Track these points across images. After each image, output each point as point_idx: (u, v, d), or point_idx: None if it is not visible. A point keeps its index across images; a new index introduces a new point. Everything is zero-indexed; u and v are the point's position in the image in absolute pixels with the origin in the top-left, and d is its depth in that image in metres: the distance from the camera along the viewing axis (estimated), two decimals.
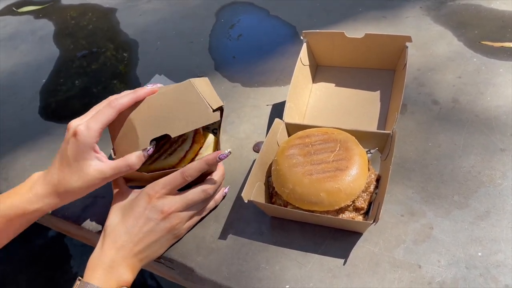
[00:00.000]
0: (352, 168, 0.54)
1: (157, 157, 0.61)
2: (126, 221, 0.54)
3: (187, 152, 0.61)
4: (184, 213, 0.56)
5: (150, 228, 0.54)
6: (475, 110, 0.67)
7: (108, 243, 0.53)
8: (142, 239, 0.53)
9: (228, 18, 1.01)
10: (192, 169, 0.55)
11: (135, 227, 0.53)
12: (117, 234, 0.53)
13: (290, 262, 0.54)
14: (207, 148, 0.63)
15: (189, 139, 0.62)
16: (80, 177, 0.53)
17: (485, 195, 0.57)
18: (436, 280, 0.50)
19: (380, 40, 0.69)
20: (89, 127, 0.52)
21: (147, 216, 0.54)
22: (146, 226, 0.53)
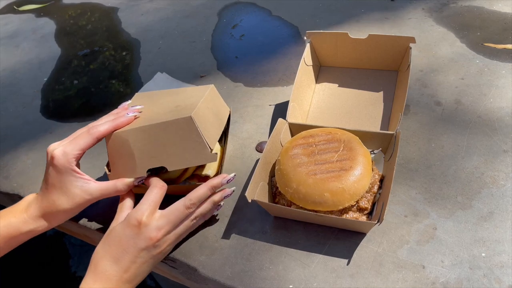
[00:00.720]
0: (356, 168, 0.54)
1: (159, 170, 0.59)
2: (112, 251, 0.50)
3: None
4: (172, 234, 0.52)
5: (142, 255, 0.51)
6: (478, 111, 0.68)
7: (96, 275, 0.49)
8: (131, 270, 0.50)
9: (231, 18, 1.01)
10: (196, 198, 0.53)
11: (125, 260, 0.50)
12: (104, 268, 0.50)
13: (293, 262, 0.54)
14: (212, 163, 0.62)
15: None
16: (69, 198, 0.54)
17: (488, 196, 0.57)
18: (440, 280, 0.50)
19: (383, 41, 0.69)
20: (65, 152, 0.53)
21: (135, 243, 0.50)
22: (138, 254, 0.50)
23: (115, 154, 0.58)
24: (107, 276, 0.49)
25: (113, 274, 0.50)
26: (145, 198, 0.52)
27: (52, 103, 0.88)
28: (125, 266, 0.50)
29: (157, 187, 0.53)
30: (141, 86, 0.86)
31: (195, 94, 0.62)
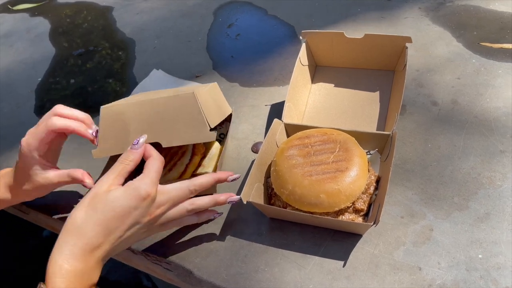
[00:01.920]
0: (352, 169, 0.54)
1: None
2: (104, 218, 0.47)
3: (187, 166, 0.59)
4: (165, 215, 0.51)
5: (133, 231, 0.49)
6: (475, 111, 0.67)
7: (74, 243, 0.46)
8: (120, 241, 0.48)
9: (227, 17, 1.00)
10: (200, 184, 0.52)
11: (118, 229, 0.47)
12: (95, 238, 0.46)
13: (289, 264, 0.54)
14: (211, 159, 0.62)
15: (188, 152, 0.60)
16: (29, 181, 0.58)
17: (485, 197, 0.57)
18: (437, 282, 0.50)
19: (379, 41, 0.69)
20: (28, 143, 0.56)
21: (135, 217, 0.48)
22: (131, 228, 0.48)
23: (107, 128, 0.56)
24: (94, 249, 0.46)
25: (102, 247, 0.47)
26: (148, 169, 0.50)
27: (47, 103, 0.87)
28: (114, 239, 0.47)
29: (158, 160, 0.51)
30: (135, 86, 0.85)
31: (197, 87, 0.61)
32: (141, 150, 0.52)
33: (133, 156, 0.51)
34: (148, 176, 0.49)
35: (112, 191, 0.48)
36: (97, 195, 0.48)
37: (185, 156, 0.60)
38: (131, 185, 0.48)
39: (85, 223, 0.46)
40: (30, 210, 0.69)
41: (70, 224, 0.47)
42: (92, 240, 0.46)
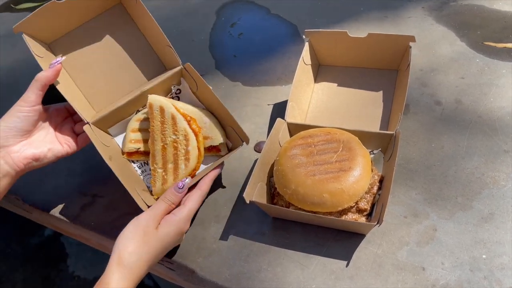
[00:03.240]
0: (355, 169, 0.53)
1: (175, 167, 0.59)
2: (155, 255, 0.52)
3: (199, 148, 0.59)
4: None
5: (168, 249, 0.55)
6: (478, 111, 0.67)
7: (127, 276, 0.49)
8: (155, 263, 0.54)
9: (229, 16, 1.00)
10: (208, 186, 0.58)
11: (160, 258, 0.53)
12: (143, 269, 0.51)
13: (292, 263, 0.54)
14: (210, 127, 0.61)
15: (189, 134, 0.58)
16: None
17: (489, 197, 0.56)
18: (440, 282, 0.49)
19: (383, 40, 0.68)
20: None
21: (173, 243, 0.54)
22: (167, 250, 0.54)
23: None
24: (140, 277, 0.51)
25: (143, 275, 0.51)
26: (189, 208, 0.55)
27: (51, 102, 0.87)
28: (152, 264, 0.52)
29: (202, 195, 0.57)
30: None
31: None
32: (182, 195, 0.56)
33: (175, 199, 0.56)
34: (188, 214, 0.55)
35: (160, 229, 0.52)
36: (149, 233, 0.51)
37: (190, 139, 0.58)
38: (174, 223, 0.53)
39: (139, 260, 0.50)
40: (33, 209, 0.69)
41: (124, 259, 0.49)
42: (142, 273, 0.51)
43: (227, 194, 0.63)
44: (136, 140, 0.62)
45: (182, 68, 0.63)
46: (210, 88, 0.60)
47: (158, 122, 0.58)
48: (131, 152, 0.62)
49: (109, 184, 0.67)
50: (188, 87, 0.64)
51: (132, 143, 0.62)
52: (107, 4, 0.66)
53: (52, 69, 0.58)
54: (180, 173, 0.59)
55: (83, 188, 0.68)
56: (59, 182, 0.69)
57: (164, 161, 0.59)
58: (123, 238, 0.51)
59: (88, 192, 0.67)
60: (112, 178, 0.68)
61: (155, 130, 0.59)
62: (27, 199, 0.69)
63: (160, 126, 0.58)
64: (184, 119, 0.59)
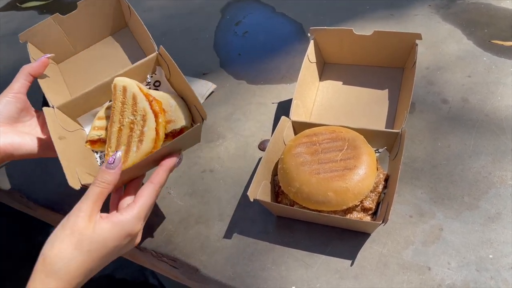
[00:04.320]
0: (360, 168, 0.53)
1: (126, 150, 0.52)
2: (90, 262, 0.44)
3: (157, 130, 0.53)
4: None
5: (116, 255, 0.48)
6: (485, 109, 0.66)
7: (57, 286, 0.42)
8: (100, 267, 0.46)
9: (234, 15, 1.00)
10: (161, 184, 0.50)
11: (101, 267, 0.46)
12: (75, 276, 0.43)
13: (296, 262, 0.53)
14: (175, 110, 0.55)
15: (148, 114, 0.53)
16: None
17: (496, 197, 0.56)
18: (446, 282, 0.49)
19: (389, 38, 0.68)
20: None
21: (119, 252, 0.48)
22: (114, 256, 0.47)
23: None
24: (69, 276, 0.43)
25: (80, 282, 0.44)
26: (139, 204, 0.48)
27: None
28: (92, 275, 0.46)
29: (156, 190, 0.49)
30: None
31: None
32: (117, 170, 0.47)
33: (109, 177, 0.47)
34: (138, 213, 0.47)
35: (97, 228, 0.44)
36: (80, 232, 0.44)
37: (148, 119, 0.52)
38: (119, 223, 0.45)
39: (68, 266, 0.43)
40: (38, 207, 0.69)
41: (49, 265, 0.42)
42: (75, 282, 0.43)
43: (231, 192, 0.63)
44: (100, 127, 0.57)
45: (157, 54, 0.59)
46: (180, 72, 0.55)
47: (119, 103, 0.53)
48: (94, 140, 0.57)
49: None
50: (164, 75, 0.60)
51: (95, 130, 0.57)
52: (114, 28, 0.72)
53: (38, 61, 0.59)
54: (130, 156, 0.52)
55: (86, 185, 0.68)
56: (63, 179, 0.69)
57: (118, 144, 0.53)
58: (50, 237, 0.44)
59: None
60: None
61: (115, 112, 0.54)
62: (31, 196, 0.69)
63: (120, 107, 0.53)
64: (146, 99, 0.53)
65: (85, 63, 0.70)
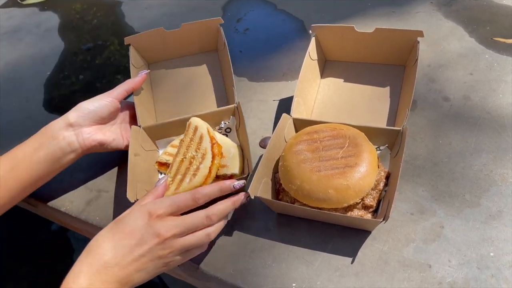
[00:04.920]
0: (361, 165, 0.53)
1: (181, 179, 0.58)
2: (116, 236, 0.48)
3: (210, 169, 0.58)
4: (180, 240, 0.49)
5: (142, 253, 0.47)
6: (487, 107, 0.66)
7: (89, 262, 0.46)
8: (130, 264, 0.47)
9: (235, 12, 0.99)
10: (205, 194, 0.52)
11: (126, 247, 0.47)
12: (103, 251, 0.47)
13: (297, 260, 0.53)
14: (232, 158, 0.61)
15: (208, 154, 0.59)
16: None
17: (497, 194, 0.56)
18: (447, 280, 0.49)
19: (390, 35, 0.68)
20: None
21: (142, 237, 0.47)
22: (138, 249, 0.47)
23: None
24: (99, 268, 0.46)
25: (107, 266, 0.46)
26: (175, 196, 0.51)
27: (56, 98, 0.87)
28: (124, 257, 0.47)
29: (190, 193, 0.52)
30: None
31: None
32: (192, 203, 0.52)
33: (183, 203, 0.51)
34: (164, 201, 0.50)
35: (128, 213, 0.50)
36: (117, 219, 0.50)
37: (206, 158, 0.58)
38: (144, 205, 0.50)
39: (100, 238, 0.48)
40: (39, 203, 0.69)
41: (90, 245, 0.48)
42: (104, 258, 0.46)
43: None
44: (170, 154, 0.64)
45: (235, 107, 0.67)
46: (245, 126, 0.62)
47: (188, 139, 0.61)
48: (162, 163, 0.64)
49: (115, 180, 0.67)
50: (235, 125, 0.67)
51: (166, 155, 0.64)
52: (205, 47, 0.80)
53: (139, 77, 0.68)
54: (182, 186, 0.57)
55: (88, 183, 0.68)
56: (65, 176, 0.69)
57: (176, 172, 0.59)
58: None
59: (93, 187, 0.67)
60: (117, 173, 0.68)
61: (182, 145, 0.61)
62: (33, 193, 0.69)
63: (188, 142, 0.61)
64: (210, 141, 0.60)
65: (173, 74, 0.79)
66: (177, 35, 0.77)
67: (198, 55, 0.80)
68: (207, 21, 0.76)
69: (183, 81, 0.77)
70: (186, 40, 0.78)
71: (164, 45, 0.78)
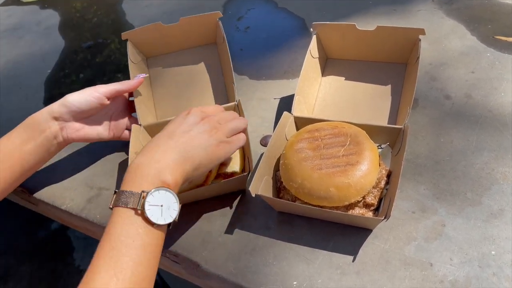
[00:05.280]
0: (362, 163, 0.53)
1: None
2: (165, 129, 0.52)
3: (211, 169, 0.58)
4: (221, 122, 0.53)
5: (189, 124, 0.51)
6: (489, 105, 0.66)
7: (146, 152, 0.48)
8: (181, 135, 0.50)
9: (236, 10, 0.99)
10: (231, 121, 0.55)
11: (175, 132, 0.50)
12: (158, 142, 0.49)
13: (298, 258, 0.53)
14: (234, 156, 0.60)
15: None
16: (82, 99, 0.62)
17: (499, 193, 0.55)
18: (448, 278, 0.49)
19: (392, 33, 0.67)
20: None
21: (187, 121, 0.52)
22: (184, 123, 0.51)
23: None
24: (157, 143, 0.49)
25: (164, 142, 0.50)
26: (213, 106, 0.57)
27: (56, 96, 0.87)
28: (176, 138, 0.50)
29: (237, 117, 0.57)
30: None
31: None
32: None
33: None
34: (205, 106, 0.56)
35: None
36: None
37: None
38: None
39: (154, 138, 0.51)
40: (39, 201, 0.69)
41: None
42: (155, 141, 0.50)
43: None
44: None
45: (235, 104, 0.66)
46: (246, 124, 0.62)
47: None
48: None
49: (115, 178, 0.67)
50: None
51: None
52: (204, 41, 0.79)
53: (135, 80, 0.67)
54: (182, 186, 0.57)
55: (89, 181, 0.68)
56: (65, 174, 0.69)
57: None
58: None
59: (94, 185, 0.67)
60: (118, 171, 0.68)
61: None
62: (33, 191, 0.69)
63: None
64: None
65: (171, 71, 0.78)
66: (176, 29, 0.76)
67: (196, 49, 0.79)
68: (206, 15, 0.75)
69: (183, 77, 0.77)
70: (185, 34, 0.77)
71: (162, 39, 0.76)
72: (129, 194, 0.44)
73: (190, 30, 0.77)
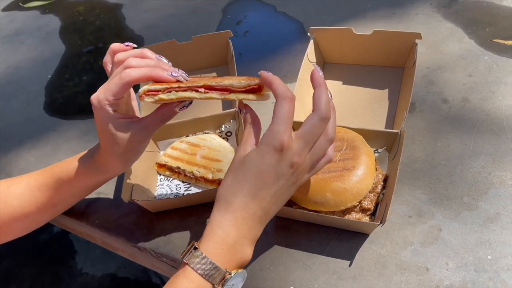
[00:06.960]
0: (359, 168, 0.53)
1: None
2: (248, 185, 0.44)
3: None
4: (308, 157, 0.45)
5: (279, 187, 0.44)
6: (486, 109, 0.66)
7: (229, 213, 0.44)
8: (271, 203, 0.44)
9: (235, 14, 1.00)
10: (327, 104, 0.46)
11: (263, 190, 0.43)
12: (241, 202, 0.44)
13: (295, 263, 0.53)
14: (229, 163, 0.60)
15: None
16: (116, 143, 0.50)
17: (495, 197, 0.55)
18: (444, 283, 0.49)
19: (389, 37, 0.68)
20: (99, 100, 0.48)
21: (276, 173, 0.43)
22: (275, 186, 0.44)
23: None
24: (245, 215, 0.44)
25: (251, 211, 0.44)
26: (277, 116, 0.44)
27: (57, 100, 0.88)
28: (263, 201, 0.44)
29: (286, 100, 0.45)
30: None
31: None
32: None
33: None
34: (278, 124, 0.43)
35: (247, 153, 0.44)
36: (237, 160, 0.45)
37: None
38: (262, 142, 0.44)
39: (229, 191, 0.44)
40: None
41: (218, 194, 0.45)
42: (239, 206, 0.44)
43: None
44: (170, 156, 0.66)
45: (235, 110, 0.67)
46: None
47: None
48: (161, 164, 0.66)
49: (114, 183, 0.68)
50: (235, 129, 0.68)
51: (166, 156, 0.66)
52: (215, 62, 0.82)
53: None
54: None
55: None
56: None
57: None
58: None
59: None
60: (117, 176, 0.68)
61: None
62: None
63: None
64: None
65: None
66: (188, 48, 0.78)
67: (209, 69, 0.82)
68: (217, 34, 0.78)
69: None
70: (197, 54, 0.79)
71: (175, 58, 0.76)
72: (213, 267, 0.42)
73: (202, 49, 0.79)
